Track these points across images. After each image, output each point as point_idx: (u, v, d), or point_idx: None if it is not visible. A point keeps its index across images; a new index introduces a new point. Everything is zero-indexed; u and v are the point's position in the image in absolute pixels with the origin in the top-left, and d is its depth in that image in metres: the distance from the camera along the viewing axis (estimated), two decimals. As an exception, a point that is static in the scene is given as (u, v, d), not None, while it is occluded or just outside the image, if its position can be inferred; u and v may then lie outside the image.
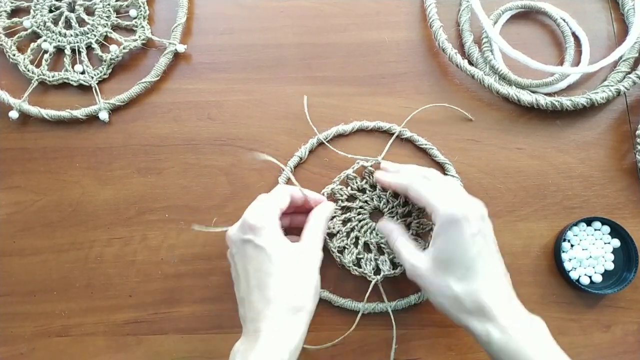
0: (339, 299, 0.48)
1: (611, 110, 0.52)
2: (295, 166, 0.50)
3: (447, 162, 0.50)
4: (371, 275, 0.47)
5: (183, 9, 0.53)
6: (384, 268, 0.47)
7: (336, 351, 0.48)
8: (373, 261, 0.47)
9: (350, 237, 0.48)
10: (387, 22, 0.54)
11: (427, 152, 0.50)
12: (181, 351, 0.48)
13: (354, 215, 0.48)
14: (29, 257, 0.50)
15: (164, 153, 0.51)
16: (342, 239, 0.48)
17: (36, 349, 0.48)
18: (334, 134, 0.50)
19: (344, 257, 0.47)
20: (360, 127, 0.51)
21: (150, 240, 0.50)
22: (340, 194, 0.48)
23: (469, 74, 0.50)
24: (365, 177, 0.49)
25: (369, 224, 0.48)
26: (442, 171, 0.50)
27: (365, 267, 0.47)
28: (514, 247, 0.49)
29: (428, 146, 0.50)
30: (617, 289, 0.46)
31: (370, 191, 0.49)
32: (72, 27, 0.53)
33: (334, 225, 0.48)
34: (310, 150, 0.50)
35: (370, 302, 0.47)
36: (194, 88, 0.53)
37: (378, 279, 0.47)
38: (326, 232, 0.45)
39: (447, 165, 0.50)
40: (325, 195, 0.48)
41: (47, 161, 0.51)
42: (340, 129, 0.50)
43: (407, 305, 0.47)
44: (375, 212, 0.49)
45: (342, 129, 0.50)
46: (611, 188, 0.50)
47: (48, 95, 0.53)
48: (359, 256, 0.48)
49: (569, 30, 0.53)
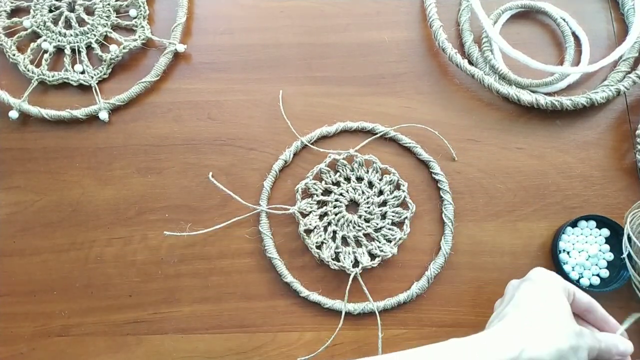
0: (328, 300, 0.48)
1: (611, 110, 0.52)
2: (280, 169, 0.50)
3: (431, 159, 0.50)
4: (350, 268, 0.47)
5: (183, 8, 0.53)
6: (363, 260, 0.47)
7: (336, 351, 0.48)
8: (351, 254, 0.48)
9: (328, 232, 0.48)
10: (387, 22, 0.54)
11: (411, 150, 0.51)
12: (181, 351, 0.48)
13: (330, 209, 0.49)
14: (29, 257, 0.50)
15: (164, 153, 0.51)
16: (319, 234, 0.48)
17: (36, 349, 0.48)
18: (318, 136, 0.50)
19: (322, 252, 0.47)
20: (344, 128, 0.51)
21: (150, 240, 0.50)
22: (315, 188, 0.49)
23: (469, 73, 0.50)
24: (339, 170, 0.49)
25: (346, 216, 0.48)
26: (426, 170, 0.50)
27: (343, 261, 0.47)
28: (514, 247, 0.49)
29: (412, 145, 0.50)
30: (615, 287, 0.46)
31: (345, 183, 0.49)
32: (72, 27, 0.53)
33: (310, 221, 0.48)
34: (295, 153, 0.51)
35: (362, 302, 0.48)
36: (194, 88, 0.53)
37: (357, 271, 0.47)
38: None
39: (432, 163, 0.50)
40: (299, 189, 0.48)
41: (47, 161, 0.51)
42: (324, 130, 0.50)
43: (396, 304, 0.48)
44: (351, 205, 0.49)
45: (326, 131, 0.51)
46: (611, 188, 0.50)
47: (48, 95, 0.53)
48: (337, 250, 0.48)
49: (569, 30, 0.53)
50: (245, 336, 0.48)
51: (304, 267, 0.49)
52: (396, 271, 0.49)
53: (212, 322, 0.48)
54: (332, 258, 0.47)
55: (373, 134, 0.51)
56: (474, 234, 0.49)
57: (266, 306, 0.48)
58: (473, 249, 0.49)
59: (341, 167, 0.49)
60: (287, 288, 0.48)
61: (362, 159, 0.49)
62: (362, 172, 0.49)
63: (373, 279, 0.48)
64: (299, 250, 0.49)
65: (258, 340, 0.48)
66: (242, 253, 0.49)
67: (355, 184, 0.49)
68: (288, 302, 0.48)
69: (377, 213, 0.48)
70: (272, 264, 0.48)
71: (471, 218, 0.50)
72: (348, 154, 0.49)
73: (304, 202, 0.48)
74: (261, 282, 0.49)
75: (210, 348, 0.48)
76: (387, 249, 0.47)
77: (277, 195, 0.50)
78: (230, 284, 0.49)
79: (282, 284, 0.48)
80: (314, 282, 0.48)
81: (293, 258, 0.49)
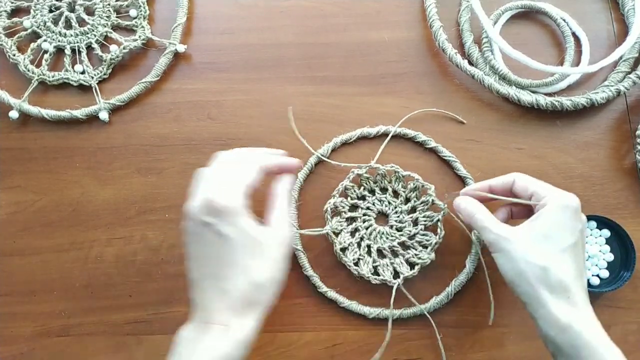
0: (362, 307, 0.47)
1: (611, 110, 0.52)
2: (300, 188, 0.50)
3: (453, 158, 0.50)
4: (391, 281, 0.46)
5: (183, 9, 0.53)
6: (402, 270, 0.47)
7: (336, 351, 0.48)
8: (390, 266, 0.47)
9: (362, 247, 0.48)
10: (387, 22, 0.54)
11: (433, 149, 0.50)
12: (181, 351, 0.48)
13: (360, 224, 0.48)
14: (29, 257, 0.50)
15: (164, 153, 0.51)
16: (354, 251, 0.47)
17: (36, 349, 0.48)
18: (332, 147, 0.50)
19: (362, 269, 0.46)
20: (361, 134, 0.50)
21: (150, 240, 0.50)
22: (342, 205, 0.48)
23: (469, 74, 0.50)
24: (363, 184, 0.49)
25: (377, 229, 0.48)
26: (450, 169, 0.50)
27: (383, 274, 0.47)
28: (514, 247, 0.49)
29: (429, 141, 0.50)
30: (615, 287, 0.46)
31: (370, 197, 0.49)
32: (72, 27, 0.53)
33: (344, 239, 0.47)
34: (311, 170, 0.50)
35: (377, 308, 0.47)
36: (194, 88, 0.53)
37: (399, 282, 0.46)
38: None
39: (455, 163, 0.49)
40: (329, 209, 0.47)
41: (47, 161, 0.51)
42: (339, 140, 0.50)
43: (438, 305, 0.47)
44: (379, 216, 0.49)
45: (342, 140, 0.50)
46: (611, 188, 0.50)
47: (48, 95, 0.53)
48: (374, 264, 0.47)
49: (569, 30, 0.53)
50: (245, 336, 0.48)
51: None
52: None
53: (212, 322, 0.48)
54: (372, 273, 0.47)
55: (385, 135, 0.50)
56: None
57: (266, 306, 0.48)
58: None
59: (365, 180, 0.49)
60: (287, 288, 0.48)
61: (384, 170, 0.48)
62: (385, 183, 0.49)
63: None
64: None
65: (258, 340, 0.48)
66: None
67: (380, 195, 0.49)
68: (288, 302, 0.48)
69: (408, 220, 0.48)
70: (310, 281, 0.48)
71: (471, 218, 0.50)
72: (369, 167, 0.48)
73: (334, 221, 0.48)
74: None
75: (210, 348, 0.48)
76: (424, 255, 0.47)
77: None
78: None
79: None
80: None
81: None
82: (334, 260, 0.48)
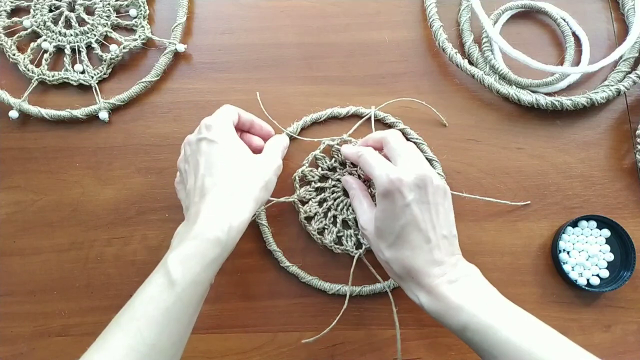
0: (323, 283, 0.48)
1: (611, 110, 0.52)
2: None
3: (420, 140, 0.50)
4: (353, 250, 0.47)
5: (183, 8, 0.53)
6: (365, 241, 0.47)
7: (336, 350, 0.48)
8: (353, 237, 0.48)
9: (329, 217, 0.49)
10: (387, 22, 0.54)
11: (402, 130, 0.50)
12: (181, 351, 0.48)
13: (328, 195, 0.49)
14: (29, 257, 0.50)
15: (164, 153, 0.51)
16: (320, 220, 0.48)
17: (36, 349, 0.48)
18: (302, 126, 0.51)
19: (325, 238, 0.48)
20: (331, 114, 0.51)
21: (150, 240, 0.50)
22: (312, 175, 0.49)
23: (469, 73, 0.50)
24: (334, 156, 0.49)
25: (344, 201, 0.49)
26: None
27: (346, 244, 0.48)
28: (514, 247, 0.49)
29: (398, 123, 0.50)
30: (615, 287, 0.46)
31: (341, 169, 0.49)
32: (72, 27, 0.53)
33: (310, 208, 0.48)
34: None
35: (366, 285, 0.48)
36: (194, 88, 0.53)
37: (361, 252, 0.47)
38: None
39: (422, 146, 0.50)
40: (297, 177, 0.49)
41: (47, 161, 0.51)
42: (312, 117, 0.51)
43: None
44: None
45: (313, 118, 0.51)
46: (611, 188, 0.50)
47: (48, 95, 0.53)
48: (339, 234, 0.48)
49: (569, 30, 0.53)
50: (245, 336, 0.48)
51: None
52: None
53: (212, 322, 0.48)
54: (335, 242, 0.48)
55: (360, 117, 0.51)
56: (474, 233, 0.49)
57: (266, 306, 0.49)
58: (473, 249, 0.49)
59: (336, 152, 0.49)
60: (287, 288, 0.48)
61: (357, 142, 0.49)
62: None
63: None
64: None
65: (258, 340, 0.48)
66: (241, 253, 0.49)
67: (350, 168, 0.49)
68: (288, 302, 0.49)
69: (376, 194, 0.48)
70: (274, 256, 0.49)
71: (471, 218, 0.50)
72: (342, 139, 0.49)
73: (302, 190, 0.49)
74: (261, 282, 0.49)
75: (210, 348, 0.48)
76: None
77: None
78: (230, 284, 0.49)
79: (283, 283, 0.49)
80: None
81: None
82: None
